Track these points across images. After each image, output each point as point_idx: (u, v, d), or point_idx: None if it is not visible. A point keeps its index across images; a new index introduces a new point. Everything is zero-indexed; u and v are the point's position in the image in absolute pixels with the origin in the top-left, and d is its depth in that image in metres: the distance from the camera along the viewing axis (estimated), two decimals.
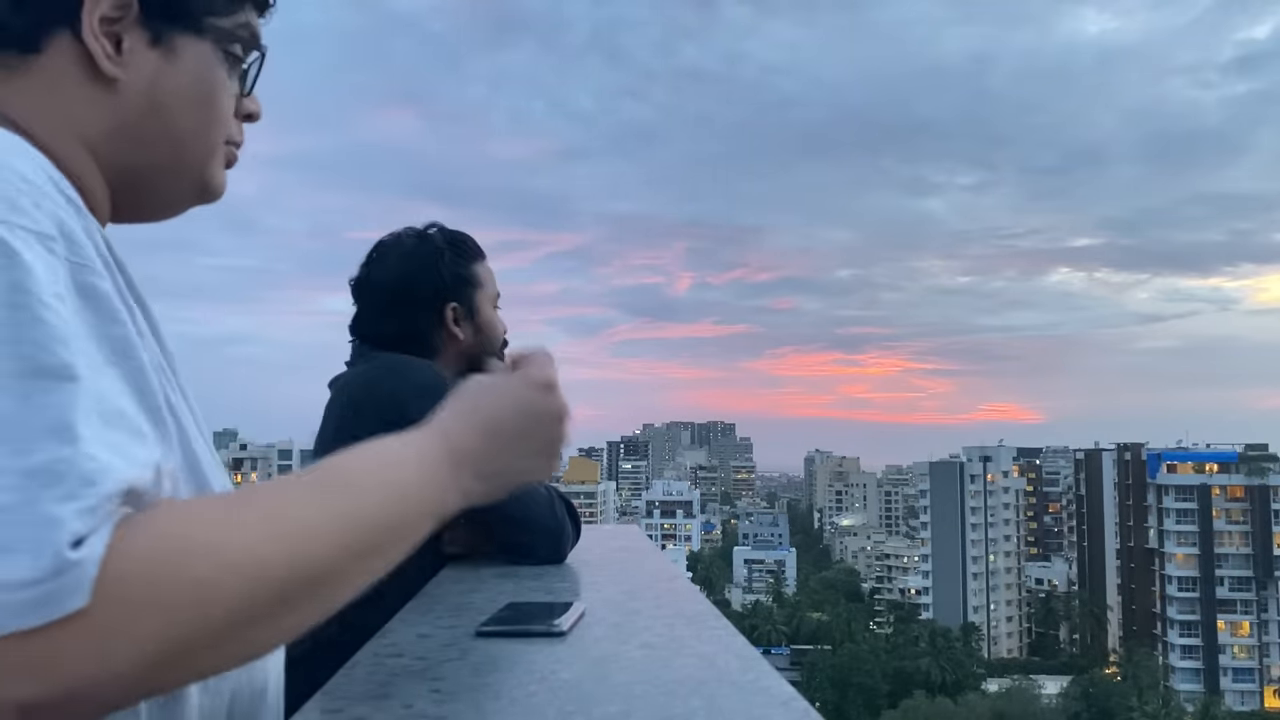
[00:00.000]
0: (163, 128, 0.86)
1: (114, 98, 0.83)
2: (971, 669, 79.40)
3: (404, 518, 0.74)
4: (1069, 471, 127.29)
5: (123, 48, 0.82)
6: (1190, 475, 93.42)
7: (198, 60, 0.87)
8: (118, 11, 0.81)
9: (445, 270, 2.07)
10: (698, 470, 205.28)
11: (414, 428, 1.87)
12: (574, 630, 1.11)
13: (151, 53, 0.84)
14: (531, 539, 1.77)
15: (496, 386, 0.89)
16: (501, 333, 2.15)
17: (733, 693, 0.83)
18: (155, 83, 0.84)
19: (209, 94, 0.88)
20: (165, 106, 0.85)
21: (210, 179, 0.91)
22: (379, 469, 0.77)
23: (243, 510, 0.63)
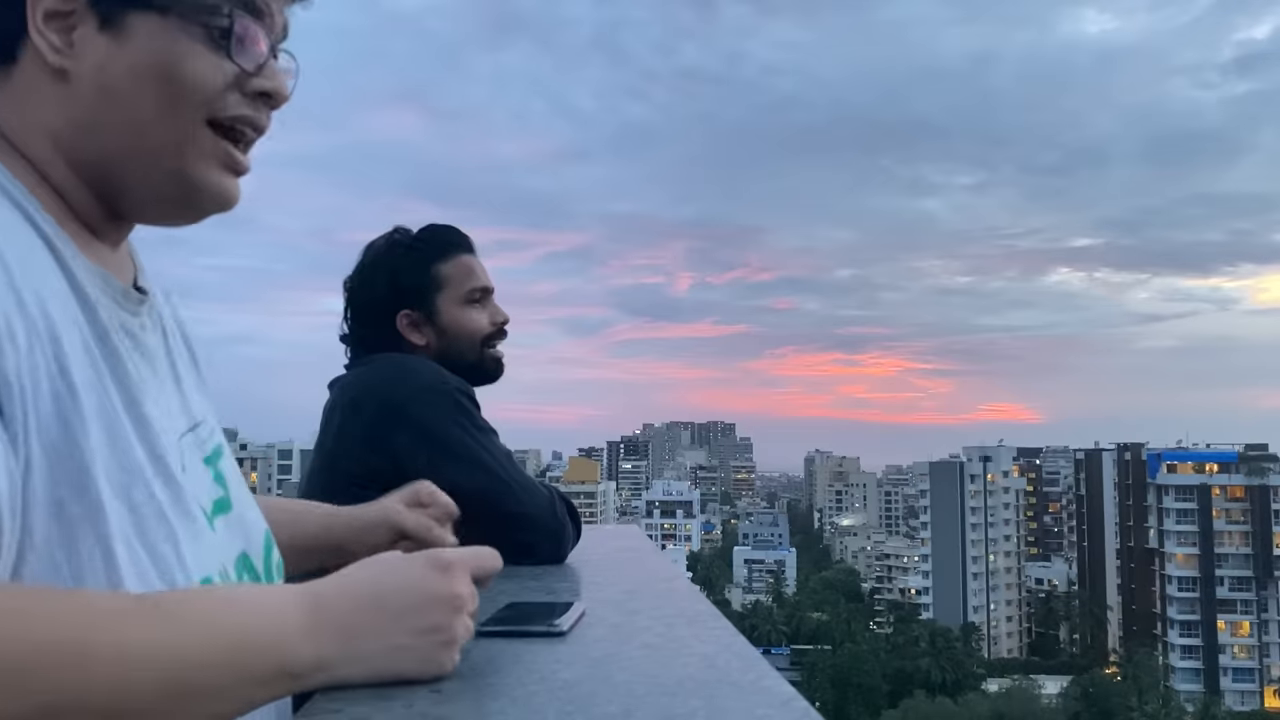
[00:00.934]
0: (116, 114, 0.83)
1: (69, 90, 0.82)
2: (971, 669, 79.46)
3: (233, 661, 0.70)
4: (1069, 471, 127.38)
5: (73, 38, 0.81)
6: (1190, 475, 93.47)
7: (152, 38, 0.82)
8: (66, 4, 0.81)
9: (396, 275, 2.04)
10: (698, 470, 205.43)
11: (416, 426, 1.92)
12: (574, 630, 1.10)
13: (101, 38, 0.82)
14: (532, 539, 1.76)
15: (389, 562, 0.85)
16: (477, 330, 2.08)
17: (733, 693, 0.83)
18: (103, 68, 0.82)
19: (166, 72, 0.83)
20: (115, 91, 0.82)
21: (189, 173, 0.86)
22: (219, 607, 0.74)
23: (34, 615, 0.61)
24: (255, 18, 0.87)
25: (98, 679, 0.62)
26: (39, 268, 0.76)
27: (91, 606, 0.66)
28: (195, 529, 0.83)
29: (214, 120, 0.86)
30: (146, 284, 0.94)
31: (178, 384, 0.94)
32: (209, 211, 0.90)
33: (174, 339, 0.98)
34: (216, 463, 0.95)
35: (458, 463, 1.78)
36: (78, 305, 0.79)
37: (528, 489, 1.82)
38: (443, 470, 1.74)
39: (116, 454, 0.76)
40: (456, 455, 1.78)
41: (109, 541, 0.73)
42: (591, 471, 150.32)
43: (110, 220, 0.89)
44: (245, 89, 0.87)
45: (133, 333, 0.86)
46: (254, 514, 1.00)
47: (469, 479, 1.76)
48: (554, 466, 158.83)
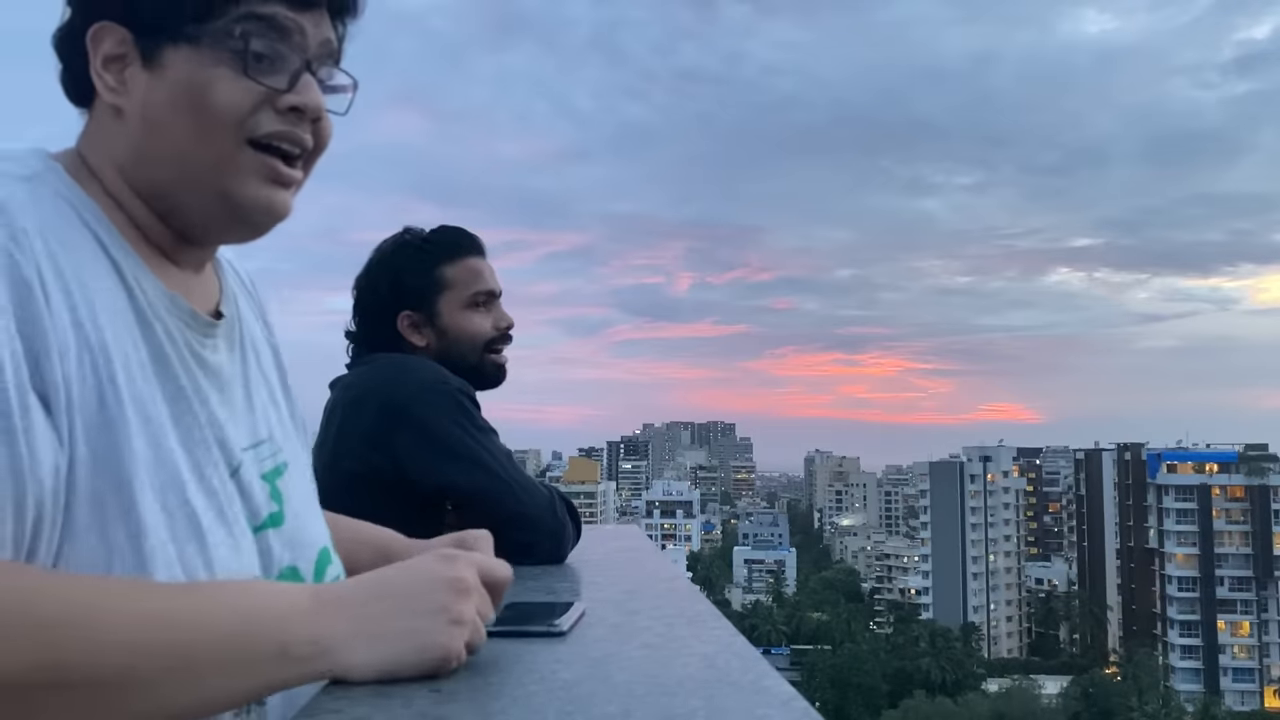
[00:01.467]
0: (161, 144, 0.89)
1: (124, 125, 0.90)
2: (971, 669, 79.41)
3: (238, 632, 0.73)
4: (1069, 471, 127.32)
5: (124, 77, 0.89)
6: (1190, 475, 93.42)
7: (182, 68, 0.88)
8: (120, 48, 0.88)
9: (399, 275, 2.05)
10: (698, 470, 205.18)
11: (416, 426, 1.92)
12: (574, 630, 1.10)
13: (144, 74, 0.88)
14: (532, 538, 1.76)
15: (397, 561, 0.91)
16: (479, 334, 2.07)
17: (733, 693, 0.83)
18: (146, 102, 0.88)
19: (196, 100, 0.88)
20: (156, 122, 0.88)
21: (233, 190, 0.90)
22: (228, 588, 0.80)
23: (46, 592, 0.68)
24: (281, 37, 0.90)
25: (108, 640, 0.66)
26: (99, 287, 0.83)
27: (105, 578, 0.74)
28: (232, 538, 0.88)
29: (252, 140, 0.90)
30: (229, 309, 1.01)
31: (247, 403, 1.00)
32: (263, 225, 0.95)
33: (257, 361, 1.05)
34: (275, 479, 0.99)
35: (458, 462, 1.78)
36: (136, 323, 0.86)
37: (528, 489, 1.82)
38: (443, 470, 1.78)
39: (158, 461, 0.82)
40: (457, 455, 1.79)
41: (140, 539, 0.78)
42: (591, 471, 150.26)
43: (182, 244, 0.95)
44: (278, 106, 0.90)
45: (197, 352, 0.92)
46: (313, 533, 1.04)
47: (469, 478, 1.78)
48: (554, 466, 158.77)
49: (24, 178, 0.84)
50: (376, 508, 1.37)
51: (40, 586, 0.70)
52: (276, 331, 1.15)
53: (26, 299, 0.76)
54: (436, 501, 1.81)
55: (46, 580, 0.71)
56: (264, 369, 1.07)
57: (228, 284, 1.05)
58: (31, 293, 0.77)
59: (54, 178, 0.87)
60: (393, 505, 1.41)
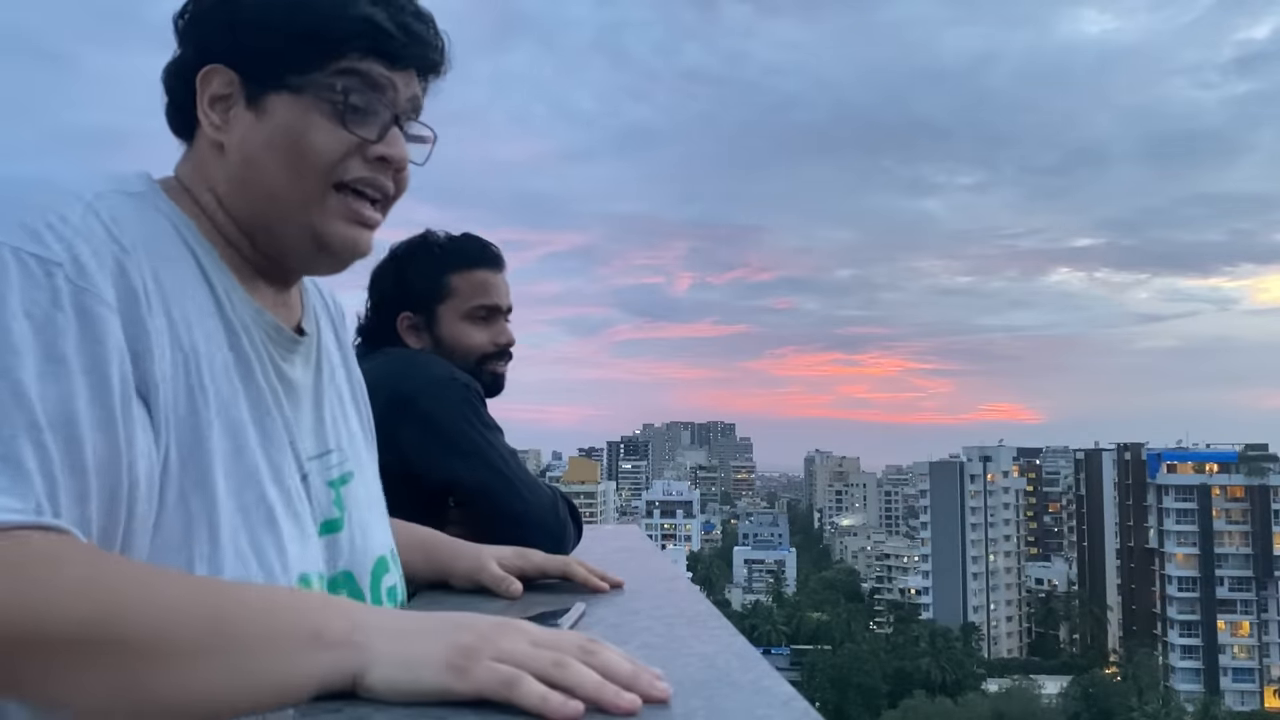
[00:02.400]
0: (256, 181, 0.98)
1: (224, 159, 0.99)
2: (971, 669, 79.35)
3: (273, 607, 0.75)
4: (1069, 471, 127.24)
5: (228, 116, 0.98)
6: (1190, 475, 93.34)
7: (284, 115, 0.96)
8: (226, 89, 0.97)
9: (405, 277, 2.05)
10: (698, 470, 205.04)
11: (423, 419, 1.91)
12: (574, 630, 1.08)
13: (247, 114, 0.97)
14: (534, 537, 1.72)
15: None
16: (473, 347, 2.06)
17: (733, 693, 0.83)
18: (246, 140, 0.97)
19: (293, 145, 0.96)
20: (254, 161, 0.97)
21: (319, 228, 0.99)
22: (258, 587, 0.84)
23: (110, 572, 0.72)
24: (375, 91, 0.98)
25: (151, 601, 0.70)
26: (193, 297, 0.92)
27: (150, 562, 0.79)
28: (302, 533, 0.96)
29: (339, 184, 0.98)
30: (310, 326, 1.11)
31: (317, 415, 1.07)
32: (345, 260, 1.04)
33: (330, 376, 1.13)
34: (340, 487, 1.07)
35: (463, 457, 1.78)
36: (224, 331, 0.94)
37: (531, 487, 1.82)
38: (447, 464, 1.78)
39: (237, 458, 0.90)
40: (462, 450, 1.79)
41: (218, 531, 0.85)
42: (591, 471, 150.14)
43: (270, 264, 1.03)
44: (367, 155, 0.99)
45: (278, 364, 1.01)
46: (375, 541, 1.11)
47: (473, 474, 1.78)
48: (554, 466, 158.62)
49: (131, 194, 0.92)
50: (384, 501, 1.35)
51: (98, 553, 0.75)
52: (352, 351, 1.25)
53: (132, 303, 0.83)
54: (441, 496, 1.81)
55: (101, 552, 0.75)
56: (336, 383, 1.15)
57: (310, 302, 1.14)
58: (136, 298, 0.83)
59: (156, 197, 0.95)
60: (399, 500, 1.42)
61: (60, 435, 0.74)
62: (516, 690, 0.72)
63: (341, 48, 0.96)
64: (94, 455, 0.77)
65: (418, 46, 1.00)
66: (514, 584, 1.34)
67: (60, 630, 0.66)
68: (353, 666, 0.73)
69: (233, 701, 0.70)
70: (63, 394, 0.76)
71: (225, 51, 0.97)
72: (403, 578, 1.17)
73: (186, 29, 1.00)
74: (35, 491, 0.72)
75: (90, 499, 0.76)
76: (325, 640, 0.73)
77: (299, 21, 0.96)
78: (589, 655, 0.77)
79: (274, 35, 0.96)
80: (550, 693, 0.72)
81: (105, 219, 0.85)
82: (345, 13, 0.96)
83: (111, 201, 0.87)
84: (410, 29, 0.99)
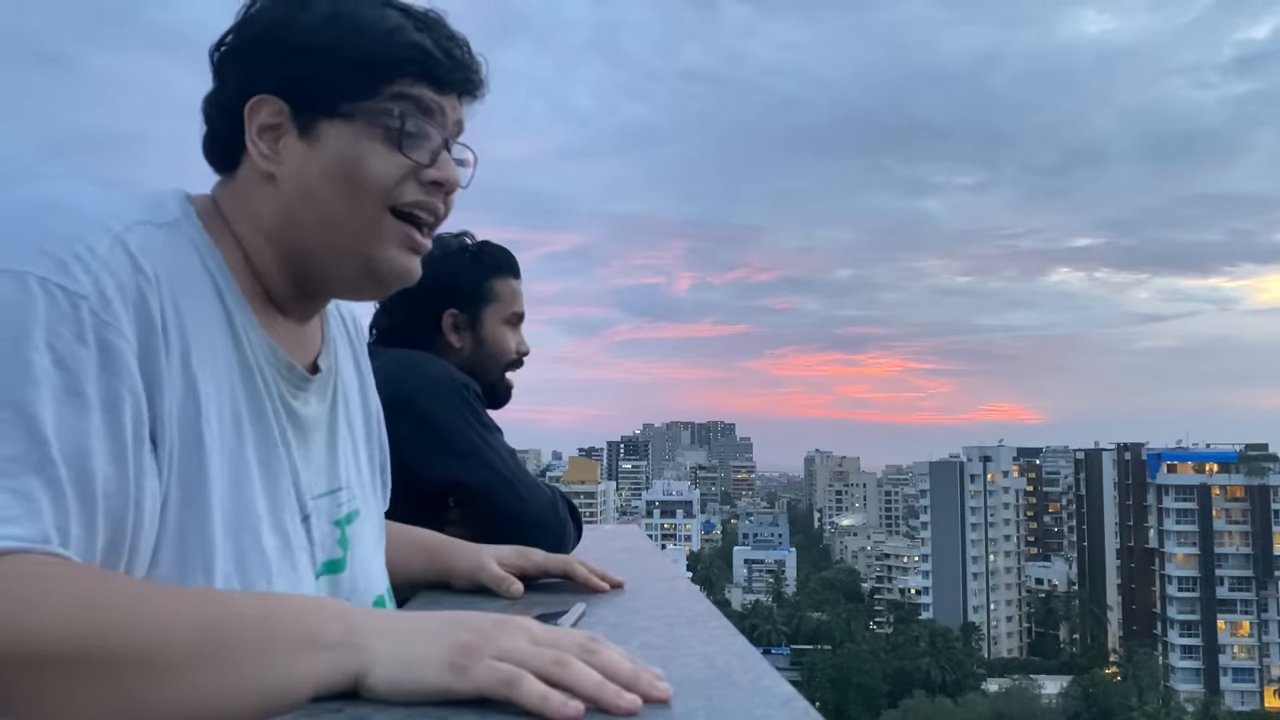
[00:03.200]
0: (313, 210, 0.97)
1: (276, 190, 0.98)
2: (971, 669, 79.37)
3: (267, 614, 0.74)
4: (1069, 471, 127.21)
5: (279, 146, 0.97)
6: (1190, 475, 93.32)
7: (338, 142, 0.96)
8: (275, 118, 0.97)
9: (455, 276, 2.09)
10: (698, 470, 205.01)
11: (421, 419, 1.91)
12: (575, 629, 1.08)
13: (300, 144, 0.97)
14: (534, 537, 1.72)
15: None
16: (508, 351, 2.14)
17: (733, 693, 0.83)
18: (301, 170, 0.97)
19: (350, 172, 0.96)
20: (311, 190, 0.97)
21: (375, 255, 0.99)
22: (252, 594, 0.84)
23: (107, 590, 0.71)
24: (426, 116, 0.99)
25: (145, 615, 0.70)
26: (211, 334, 0.91)
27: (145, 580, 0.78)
28: (297, 576, 0.96)
29: (394, 208, 0.99)
30: (328, 361, 1.10)
31: (330, 451, 1.08)
32: (393, 287, 1.03)
33: (345, 410, 1.13)
34: (346, 526, 1.07)
35: (462, 457, 1.78)
36: (239, 369, 0.94)
37: (530, 487, 1.82)
38: (446, 464, 1.78)
39: (237, 500, 0.90)
40: (461, 450, 1.79)
41: (213, 573, 0.85)
42: (591, 471, 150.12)
43: (301, 299, 1.04)
44: (421, 179, 1.00)
45: (289, 403, 1.00)
46: (375, 580, 1.11)
47: (472, 474, 1.78)
48: (554, 466, 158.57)
49: (162, 224, 0.90)
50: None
51: (95, 571, 0.75)
52: (369, 374, 1.25)
53: (149, 337, 0.83)
54: (440, 497, 1.81)
55: (91, 569, 0.75)
56: (351, 417, 1.15)
57: (330, 334, 1.13)
58: (154, 332, 0.83)
59: (188, 225, 0.94)
60: (398, 500, 1.44)
61: (73, 469, 0.75)
62: (517, 689, 0.71)
63: (393, 74, 0.97)
64: (104, 490, 0.77)
65: (462, 71, 1.02)
66: (515, 584, 1.34)
67: (53, 648, 0.66)
68: (352, 668, 0.72)
69: (230, 709, 0.69)
70: (78, 429, 0.76)
71: (273, 81, 0.96)
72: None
73: (227, 60, 1.00)
74: (45, 523, 0.72)
75: (98, 533, 0.77)
76: (320, 643, 0.72)
77: (351, 49, 0.96)
78: (590, 654, 0.76)
79: (325, 63, 0.96)
80: (551, 692, 0.71)
81: (133, 251, 0.84)
82: (395, 39, 0.97)
83: (140, 234, 0.86)
84: (453, 54, 1.01)
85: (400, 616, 0.79)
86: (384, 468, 1.27)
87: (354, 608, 0.79)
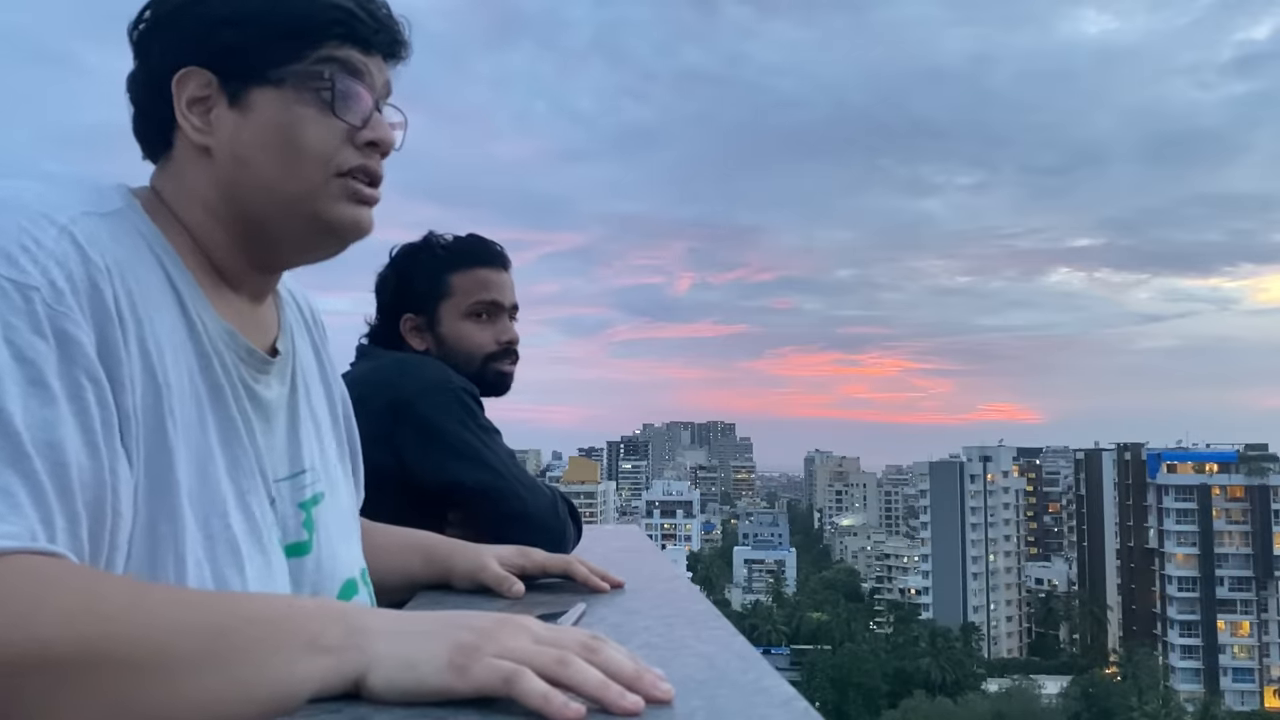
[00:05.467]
0: (252, 178, 0.97)
1: (213, 163, 0.97)
2: (971, 669, 79.31)
3: (272, 616, 0.74)
4: (1069, 471, 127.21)
5: (210, 118, 0.96)
6: (1190, 475, 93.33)
7: (270, 109, 0.96)
8: (204, 90, 0.96)
9: (406, 279, 2.07)
10: (698, 470, 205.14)
11: (420, 423, 1.93)
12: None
13: (231, 113, 0.96)
14: (534, 538, 1.71)
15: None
16: (476, 345, 2.06)
17: (733, 693, 0.83)
18: (236, 139, 0.96)
19: (287, 138, 0.96)
20: (248, 159, 0.96)
21: (323, 214, 0.99)
22: (254, 596, 0.85)
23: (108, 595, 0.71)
24: (355, 77, 0.99)
25: (150, 618, 0.70)
26: (165, 321, 0.90)
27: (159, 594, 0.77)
28: (267, 561, 0.96)
29: (339, 174, 0.99)
30: (285, 345, 1.09)
31: (292, 435, 1.07)
32: (347, 241, 1.03)
33: (307, 395, 1.12)
34: (311, 508, 1.06)
35: (461, 460, 1.78)
36: (196, 356, 0.93)
37: (530, 488, 1.82)
38: (446, 467, 1.78)
39: (203, 486, 0.90)
40: (460, 453, 1.79)
41: (184, 560, 0.85)
42: (591, 471, 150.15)
43: (254, 273, 1.03)
44: (355, 142, 1.00)
45: (250, 386, 1.00)
46: (343, 563, 1.10)
47: (472, 477, 1.78)
48: (554, 466, 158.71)
49: (106, 214, 0.90)
50: (382, 505, 1.39)
51: (94, 574, 0.76)
52: (333, 363, 1.23)
53: (106, 326, 0.82)
54: (440, 499, 1.81)
55: (94, 572, 0.76)
56: (313, 402, 1.14)
57: (286, 318, 1.12)
58: (110, 321, 0.83)
59: (133, 214, 0.93)
60: (397, 503, 1.42)
61: (47, 461, 0.74)
62: (517, 686, 0.70)
63: (319, 37, 0.97)
64: (80, 481, 0.77)
65: (386, 32, 1.02)
66: (516, 584, 1.33)
67: (58, 652, 0.66)
68: (352, 670, 0.72)
69: (232, 711, 0.70)
70: (47, 421, 0.75)
71: (198, 52, 0.96)
72: (373, 597, 1.17)
73: (147, 35, 0.99)
74: (28, 518, 0.72)
75: (81, 524, 0.77)
76: (321, 645, 0.72)
77: (275, 14, 0.96)
78: (592, 653, 0.75)
79: (250, 30, 0.95)
80: (552, 691, 0.70)
81: (81, 242, 0.84)
82: (319, 3, 0.97)
83: (86, 225, 0.86)
84: (377, 15, 1.01)
85: (402, 617, 0.78)
86: (354, 453, 1.26)
87: (357, 608, 0.78)
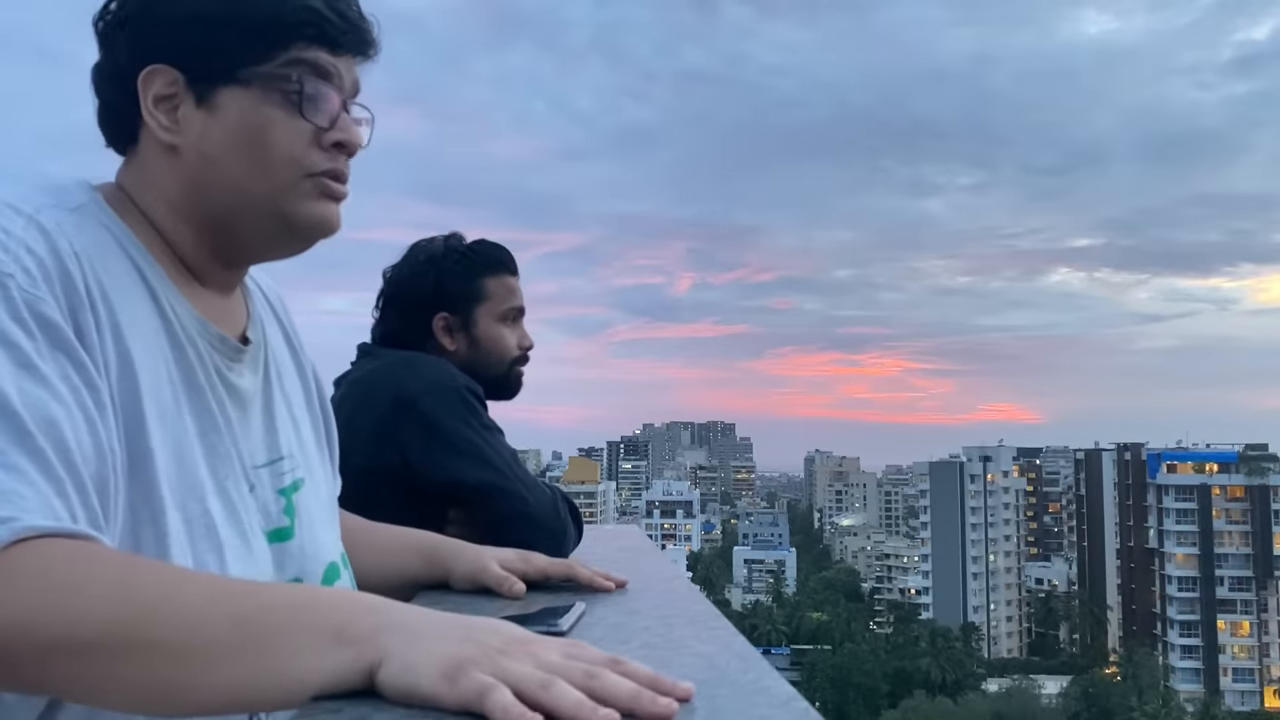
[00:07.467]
0: (220, 178, 0.97)
1: (180, 161, 0.98)
2: (971, 669, 79.39)
3: (297, 604, 0.75)
4: (1069, 471, 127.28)
5: (177, 116, 0.97)
6: (1190, 475, 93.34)
7: (238, 110, 0.96)
8: (171, 89, 0.96)
9: (443, 279, 2.09)
10: (698, 470, 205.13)
11: (424, 421, 1.96)
12: (574, 630, 1.09)
13: (198, 113, 0.96)
14: (534, 538, 1.73)
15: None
16: (507, 349, 2.13)
17: (733, 693, 0.83)
18: (203, 139, 0.97)
19: (255, 140, 0.97)
20: (216, 159, 0.97)
21: (290, 212, 0.99)
22: (280, 586, 0.88)
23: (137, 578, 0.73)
24: (323, 79, 1.00)
25: (179, 602, 0.72)
26: (137, 311, 0.91)
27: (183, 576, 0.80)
28: (247, 546, 0.96)
29: (308, 175, 1.00)
30: (256, 334, 1.09)
31: (268, 422, 1.08)
32: (315, 238, 1.04)
33: (280, 382, 1.13)
34: (291, 494, 1.07)
35: (463, 459, 1.79)
36: (168, 344, 0.94)
37: (531, 488, 1.83)
38: (449, 466, 1.79)
39: (181, 471, 0.91)
40: (462, 451, 1.80)
41: (165, 542, 0.87)
42: (591, 471, 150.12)
43: (221, 268, 1.04)
44: (322, 143, 1.00)
45: (224, 374, 1.01)
46: (325, 547, 1.11)
47: (474, 476, 1.79)
48: (554, 466, 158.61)
49: (71, 209, 0.91)
50: (385, 503, 1.41)
51: (127, 558, 0.78)
52: (305, 350, 1.24)
53: (79, 312, 0.84)
54: (442, 498, 1.82)
55: (126, 556, 0.78)
56: (286, 389, 1.14)
57: (255, 309, 1.13)
58: (83, 307, 0.84)
59: (97, 209, 0.95)
60: (400, 501, 1.43)
61: (50, 439, 0.76)
62: (487, 700, 0.69)
63: (288, 38, 0.97)
64: (83, 456, 0.78)
65: (355, 32, 1.02)
66: (517, 584, 1.33)
67: (91, 634, 0.68)
68: (368, 664, 0.73)
69: (256, 697, 0.71)
70: (41, 400, 0.77)
71: (166, 50, 0.95)
72: (354, 582, 1.18)
73: (113, 30, 0.98)
74: (46, 496, 0.73)
75: (92, 499, 0.78)
76: (346, 636, 0.73)
77: (244, 14, 0.96)
78: (590, 678, 0.73)
79: (218, 30, 0.95)
80: (516, 705, 0.68)
81: (49, 230, 0.85)
82: (288, 3, 0.97)
83: (52, 215, 0.87)
84: (346, 16, 1.01)
85: (429, 619, 0.76)
86: (330, 439, 1.27)
87: (391, 603, 0.77)
